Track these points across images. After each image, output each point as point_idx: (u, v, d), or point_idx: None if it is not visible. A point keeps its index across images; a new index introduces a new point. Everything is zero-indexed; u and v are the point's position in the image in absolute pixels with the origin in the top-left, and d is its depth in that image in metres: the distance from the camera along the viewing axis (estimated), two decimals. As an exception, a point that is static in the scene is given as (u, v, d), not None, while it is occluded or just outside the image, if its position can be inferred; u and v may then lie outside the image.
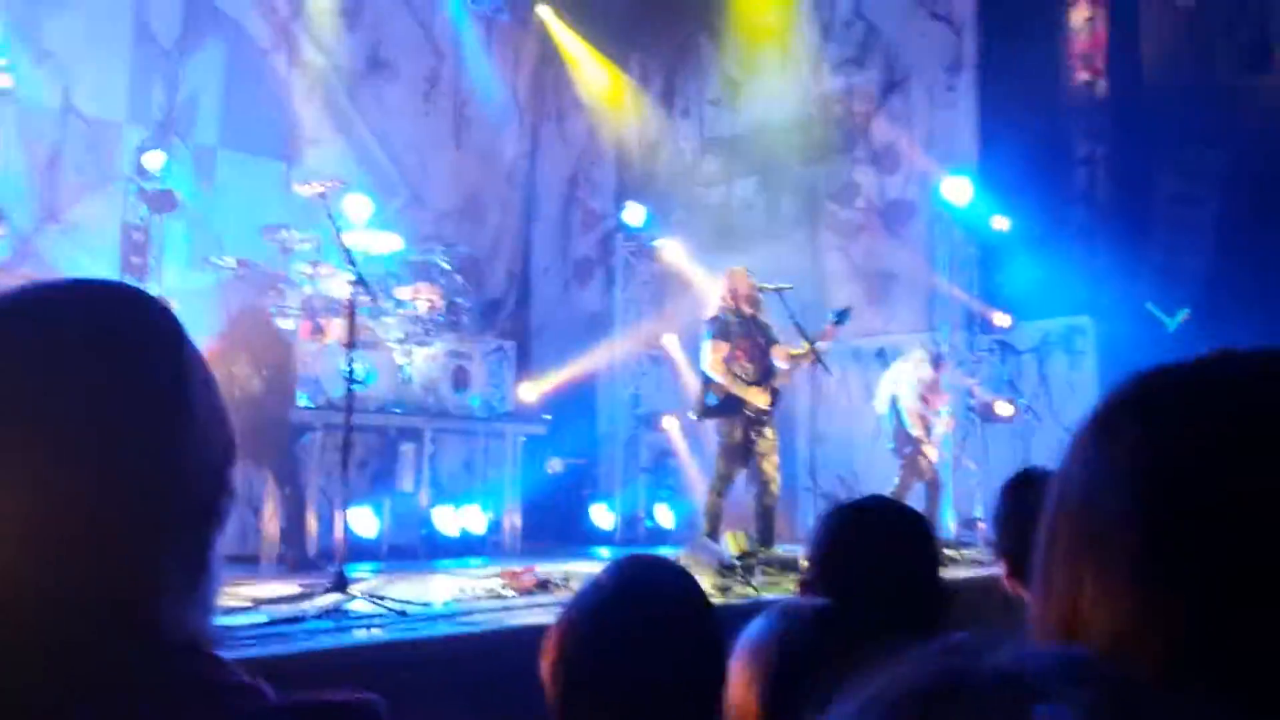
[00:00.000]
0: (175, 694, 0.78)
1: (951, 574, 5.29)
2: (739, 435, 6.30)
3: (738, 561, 5.25)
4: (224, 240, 7.65)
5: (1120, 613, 0.59)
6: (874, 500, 2.21)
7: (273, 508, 6.27)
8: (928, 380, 7.44)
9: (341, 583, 4.34)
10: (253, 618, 3.75)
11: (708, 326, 6.43)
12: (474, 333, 8.63)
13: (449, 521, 7.41)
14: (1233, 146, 8.43)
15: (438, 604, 4.39)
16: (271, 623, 3.68)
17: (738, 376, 6.28)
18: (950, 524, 8.01)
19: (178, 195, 7.48)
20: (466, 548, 7.31)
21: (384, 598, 4.24)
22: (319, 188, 5.31)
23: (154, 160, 7.51)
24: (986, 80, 9.40)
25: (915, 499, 6.97)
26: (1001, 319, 8.75)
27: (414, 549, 7.04)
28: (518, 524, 7.80)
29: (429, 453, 7.37)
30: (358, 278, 4.86)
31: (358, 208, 7.66)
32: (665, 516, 9.32)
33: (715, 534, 6.07)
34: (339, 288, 6.77)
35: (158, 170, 7.50)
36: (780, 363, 6.42)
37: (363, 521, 6.71)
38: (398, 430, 7.31)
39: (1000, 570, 2.31)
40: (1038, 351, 8.78)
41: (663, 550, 7.09)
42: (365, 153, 10.21)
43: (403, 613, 4.05)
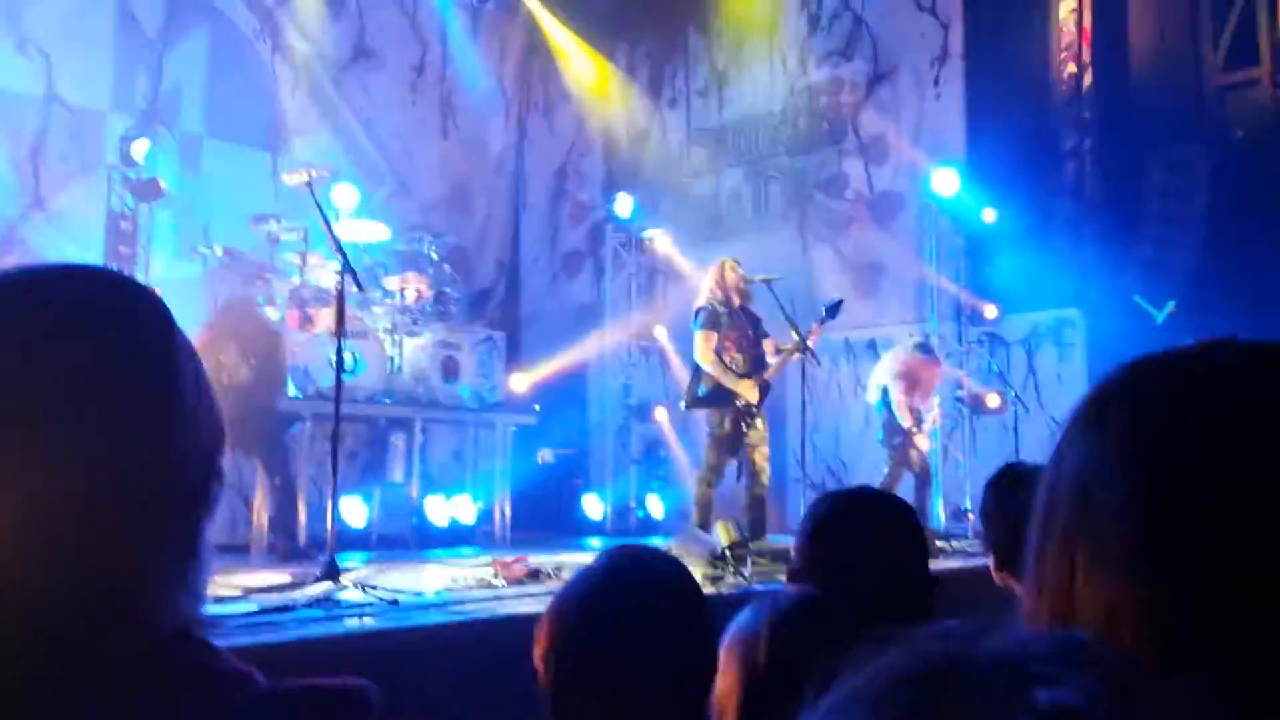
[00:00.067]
0: (168, 682, 0.78)
1: (941, 565, 5.31)
2: (728, 426, 6.28)
3: (728, 552, 5.25)
4: (211, 229, 7.61)
5: (1112, 601, 0.59)
6: (863, 490, 2.22)
7: (263, 497, 6.25)
8: (914, 366, 7.39)
9: (332, 572, 4.31)
10: (243, 606, 3.74)
11: (697, 316, 6.41)
12: (463, 323, 8.61)
13: (439, 511, 7.40)
14: (1220, 140, 8.47)
15: (429, 593, 4.38)
16: (262, 611, 3.66)
17: (729, 367, 6.27)
18: (940, 515, 8.04)
19: (163, 184, 7.43)
20: (457, 538, 7.29)
21: (375, 587, 4.22)
22: (306, 177, 5.27)
23: (139, 149, 7.46)
24: (973, 72, 9.41)
25: (905, 490, 6.99)
26: (990, 311, 8.77)
27: (404, 539, 7.03)
28: (508, 514, 7.80)
29: (419, 443, 7.36)
30: (345, 267, 4.83)
31: (345, 197, 7.63)
32: (656, 507, 9.32)
33: (706, 524, 6.06)
34: (327, 277, 6.74)
35: (143, 159, 7.45)
36: (769, 358, 6.42)
37: (353, 511, 6.69)
38: (388, 420, 7.29)
39: (989, 563, 2.33)
40: (1026, 344, 8.81)
41: (654, 541, 7.10)
42: (352, 142, 10.17)
43: (394, 602, 4.04)
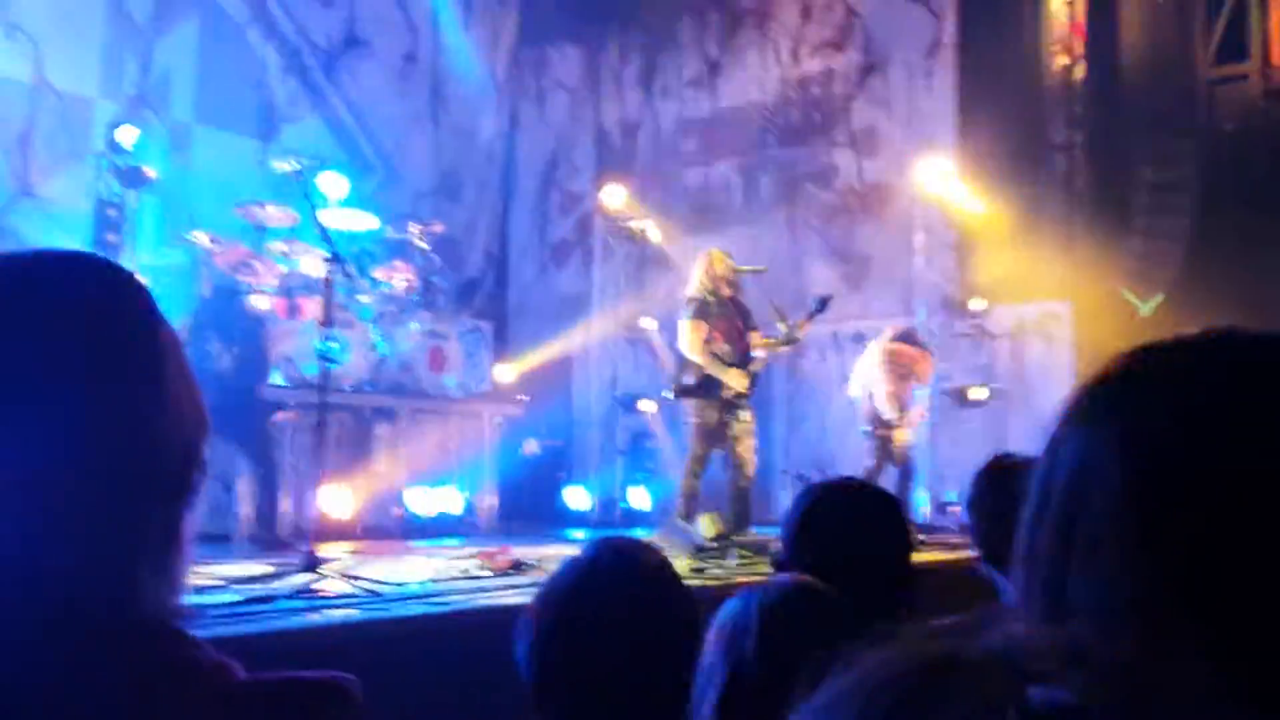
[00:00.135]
0: (146, 673, 0.78)
1: (924, 557, 5.32)
2: (714, 417, 6.26)
3: (713, 544, 5.25)
4: (198, 217, 7.57)
5: (1107, 596, 0.58)
6: (847, 482, 2.23)
7: (246, 486, 6.23)
8: (906, 356, 7.35)
9: (314, 562, 4.31)
10: (224, 596, 3.72)
11: (686, 306, 6.40)
12: (450, 312, 8.58)
13: (424, 502, 7.38)
14: (1209, 134, 8.49)
15: (412, 584, 4.37)
16: (243, 602, 3.64)
17: (716, 357, 6.27)
18: (924, 508, 8.05)
19: (151, 171, 7.39)
20: (441, 528, 7.28)
21: (358, 577, 4.21)
22: (295, 165, 5.24)
23: (127, 135, 7.41)
24: (965, 64, 9.40)
25: (887, 482, 7.00)
26: (977, 302, 8.77)
27: (388, 529, 7.02)
28: (493, 505, 7.79)
29: (404, 433, 7.34)
30: (333, 255, 4.80)
31: (334, 185, 7.59)
32: (641, 498, 9.31)
33: (691, 516, 6.06)
34: (314, 266, 6.71)
35: (131, 146, 7.40)
36: (756, 351, 6.41)
37: (336, 501, 6.67)
38: (373, 410, 7.27)
39: (975, 554, 2.33)
40: (1013, 336, 8.82)
41: (638, 532, 7.10)
42: (341, 130, 10.12)
43: (376, 593, 4.03)
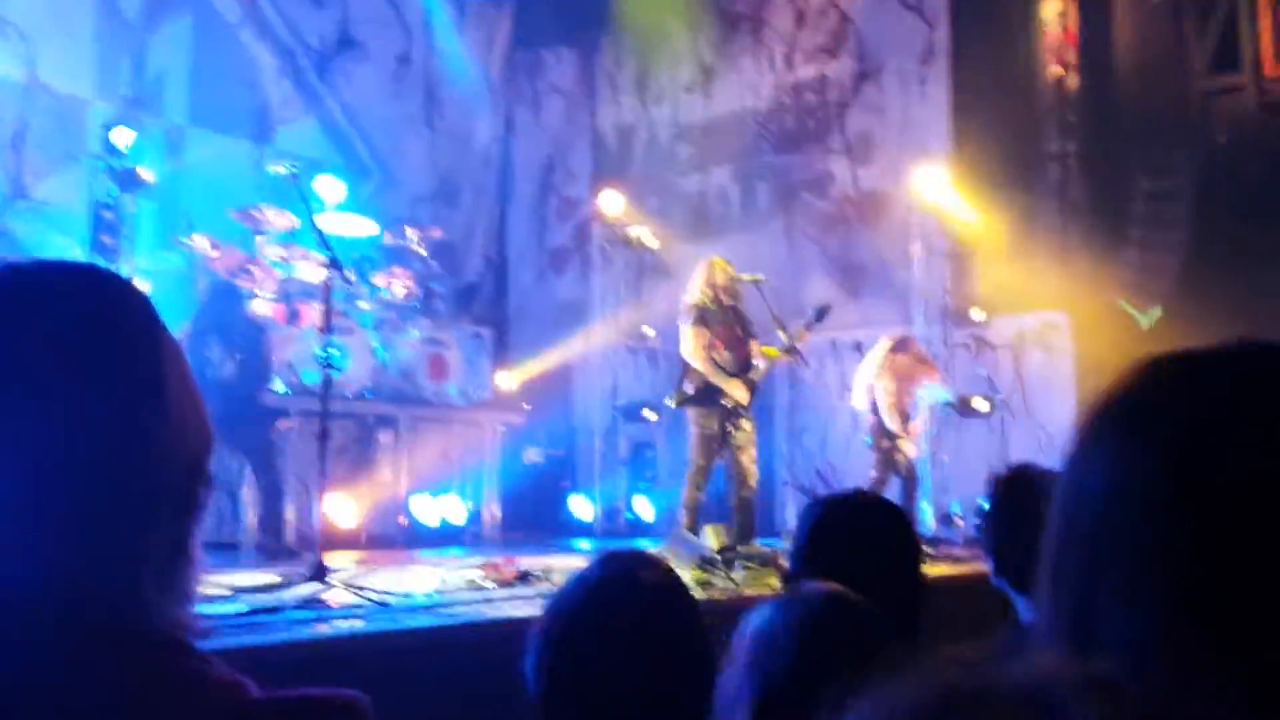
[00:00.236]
0: (150, 682, 0.77)
1: (930, 570, 5.31)
2: (715, 426, 6.25)
3: (718, 555, 5.23)
4: (195, 220, 7.53)
5: (1140, 625, 0.55)
6: (856, 494, 2.23)
7: (250, 495, 6.20)
8: (906, 365, 7.35)
9: (320, 572, 4.28)
10: (230, 607, 3.70)
11: (687, 314, 6.39)
12: (450, 319, 8.56)
13: (428, 511, 7.36)
14: (1205, 144, 8.52)
15: (418, 595, 4.35)
16: (250, 612, 3.63)
17: (718, 366, 6.25)
18: (929, 520, 8.03)
19: (147, 174, 7.35)
20: (446, 538, 7.26)
21: (364, 588, 4.19)
22: (291, 168, 5.21)
23: (122, 137, 7.38)
24: (959, 72, 9.43)
25: (890, 493, 7.00)
26: (976, 313, 8.78)
27: (392, 538, 6.99)
28: (497, 514, 7.77)
29: (406, 441, 7.31)
30: (332, 261, 4.77)
31: (330, 189, 7.56)
32: (645, 508, 9.26)
33: (694, 527, 6.03)
34: (313, 271, 6.68)
35: (126, 148, 7.36)
36: (756, 360, 6.41)
37: (341, 510, 6.63)
38: (375, 418, 7.24)
39: (986, 566, 2.31)
40: (1013, 347, 8.83)
41: (642, 543, 7.08)
42: (337, 132, 10.08)
43: (383, 603, 4.01)
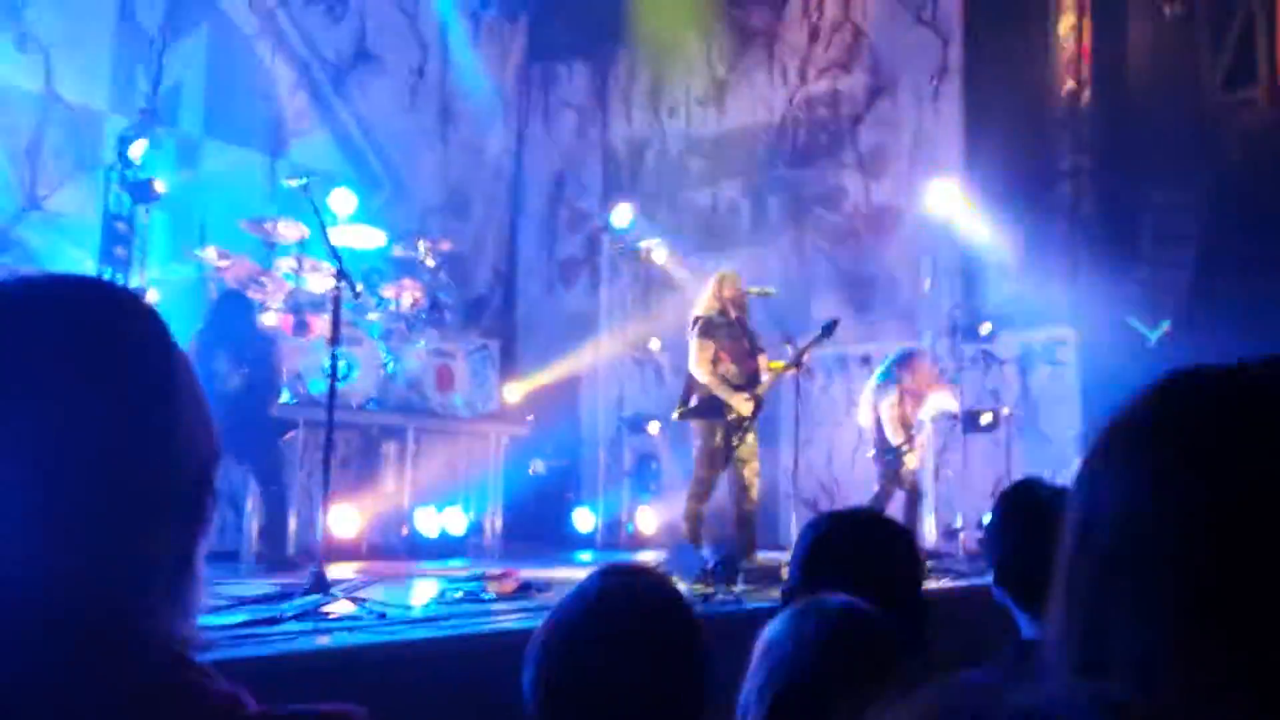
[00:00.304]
0: (155, 699, 0.78)
1: (932, 585, 5.29)
2: (720, 439, 6.26)
3: (720, 568, 5.22)
4: (207, 231, 7.59)
5: (1153, 642, 0.54)
6: (857, 511, 2.25)
7: (254, 505, 6.22)
8: (914, 378, 7.33)
9: (321, 583, 4.29)
10: (230, 617, 3.71)
11: (694, 326, 6.41)
12: (458, 330, 8.59)
13: (430, 522, 7.36)
14: (1217, 160, 8.48)
15: (418, 607, 4.35)
16: (249, 623, 3.63)
17: (723, 379, 6.26)
18: (931, 534, 8.00)
19: (161, 185, 7.41)
20: (447, 549, 7.26)
21: (364, 599, 4.20)
22: (303, 180, 5.25)
23: (137, 149, 7.44)
24: (972, 87, 9.42)
25: (894, 507, 6.98)
26: (984, 328, 8.74)
27: (394, 549, 7.00)
28: (499, 526, 7.76)
29: (411, 452, 7.33)
30: (341, 273, 4.81)
31: (343, 202, 7.61)
32: (647, 521, 9.27)
33: (696, 540, 6.04)
34: (323, 282, 6.72)
35: (140, 159, 7.43)
36: (762, 374, 6.41)
37: (343, 520, 6.65)
38: (380, 429, 7.26)
39: (988, 579, 2.31)
40: (1020, 362, 8.80)
41: (644, 555, 7.07)
42: (350, 145, 10.14)
43: (382, 615, 4.02)
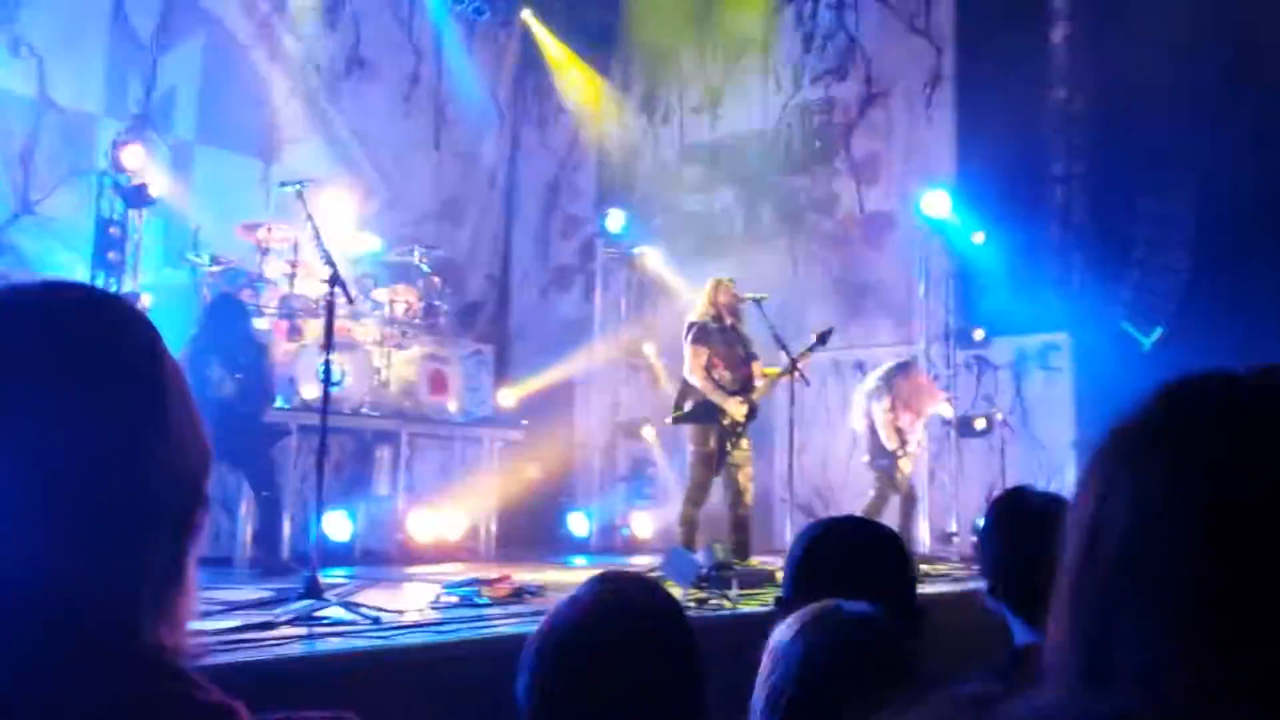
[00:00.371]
0: (147, 709, 0.77)
1: (927, 590, 5.30)
2: (713, 444, 6.28)
3: (714, 573, 5.22)
4: (200, 237, 7.58)
5: (1159, 651, 0.54)
6: (850, 519, 2.26)
7: (247, 510, 6.20)
8: (908, 387, 7.35)
9: (315, 588, 4.28)
10: (223, 623, 3.70)
11: (689, 332, 6.43)
12: (452, 336, 8.59)
13: (424, 527, 7.36)
14: (1209, 166, 8.51)
15: (412, 612, 4.35)
16: (242, 629, 3.63)
17: (718, 384, 6.28)
18: (925, 538, 8.02)
19: (153, 190, 7.40)
20: (441, 554, 7.25)
21: (357, 604, 4.19)
22: (299, 185, 5.26)
23: (130, 154, 7.44)
24: (965, 95, 9.45)
25: (889, 513, 6.98)
26: (977, 334, 8.77)
27: (388, 554, 6.99)
28: (493, 530, 7.76)
29: (405, 457, 7.33)
30: (335, 278, 4.81)
31: (336, 207, 7.60)
32: (642, 525, 9.27)
33: (691, 545, 6.05)
34: (316, 288, 6.71)
35: (134, 164, 7.43)
36: (757, 380, 6.43)
37: (337, 525, 6.64)
38: (374, 433, 7.26)
39: (980, 585, 2.31)
40: (1014, 367, 8.82)
41: (639, 559, 7.07)
42: (344, 152, 10.14)
43: (376, 620, 4.01)
